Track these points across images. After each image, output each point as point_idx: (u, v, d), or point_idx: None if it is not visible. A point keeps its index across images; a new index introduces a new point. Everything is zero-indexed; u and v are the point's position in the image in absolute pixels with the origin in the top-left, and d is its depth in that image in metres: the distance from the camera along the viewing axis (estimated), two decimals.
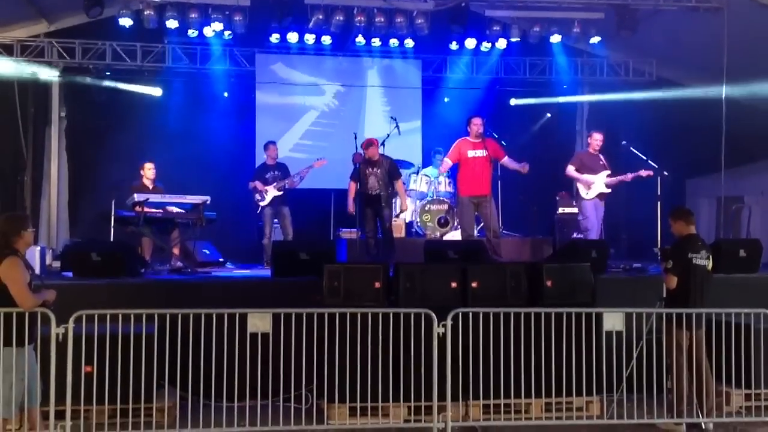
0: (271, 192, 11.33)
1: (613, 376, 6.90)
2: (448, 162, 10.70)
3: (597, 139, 10.87)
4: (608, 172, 10.67)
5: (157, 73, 13.34)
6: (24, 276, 5.76)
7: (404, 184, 12.40)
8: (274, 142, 11.98)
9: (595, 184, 10.67)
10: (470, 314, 6.70)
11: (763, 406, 7.26)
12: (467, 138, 10.44)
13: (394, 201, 11.00)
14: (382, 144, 12.08)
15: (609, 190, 10.69)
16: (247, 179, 11.69)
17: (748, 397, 7.32)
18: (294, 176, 11.52)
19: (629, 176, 10.61)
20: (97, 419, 6.25)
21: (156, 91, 13.32)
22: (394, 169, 10.67)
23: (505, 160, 10.61)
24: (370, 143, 10.54)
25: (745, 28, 10.91)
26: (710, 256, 7.13)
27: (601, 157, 10.82)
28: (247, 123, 13.78)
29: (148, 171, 10.86)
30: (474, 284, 7.48)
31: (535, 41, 13.12)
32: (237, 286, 8.84)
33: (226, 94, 13.79)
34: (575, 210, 11.86)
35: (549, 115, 14.70)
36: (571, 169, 10.87)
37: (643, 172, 10.50)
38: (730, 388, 7.28)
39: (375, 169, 10.44)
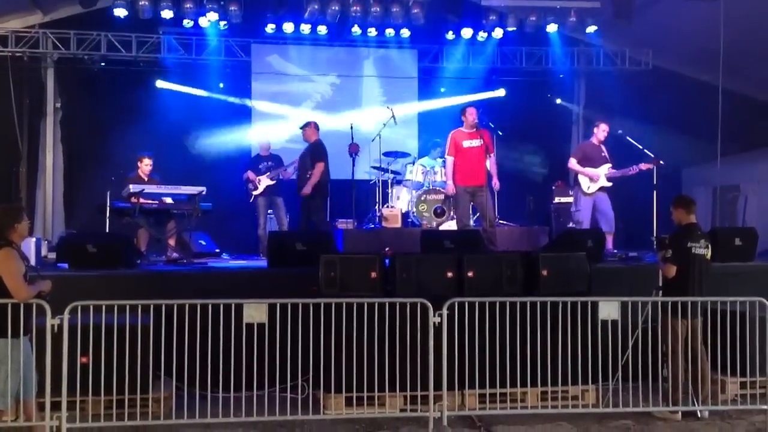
0: (264, 181, 11.33)
1: (609, 364, 6.92)
2: (450, 159, 10.37)
3: (604, 129, 10.72)
4: (609, 165, 10.61)
5: (152, 64, 13.28)
6: (19, 267, 5.75)
7: (399, 173, 12.44)
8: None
9: (599, 178, 10.60)
10: (466, 304, 6.69)
11: (758, 393, 7.27)
12: (461, 129, 10.36)
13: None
14: (378, 134, 12.11)
15: (610, 184, 10.64)
16: (242, 170, 11.69)
17: (743, 385, 7.33)
18: (287, 166, 11.50)
19: (630, 171, 10.51)
20: (93, 410, 6.25)
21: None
22: (315, 151, 10.81)
23: (491, 160, 10.36)
24: (305, 125, 10.95)
25: (741, 17, 10.89)
26: (709, 246, 7.15)
27: (603, 148, 10.76)
28: (243, 114, 13.75)
29: (146, 167, 10.83)
30: (470, 274, 7.48)
31: (531, 31, 13.12)
32: (233, 277, 8.84)
33: (221, 85, 13.74)
34: (571, 200, 11.85)
35: (550, 95, 14.64)
36: (573, 162, 10.80)
37: (644, 166, 10.42)
38: (725, 376, 7.30)
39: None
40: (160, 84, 13.17)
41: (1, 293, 5.68)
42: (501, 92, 14.14)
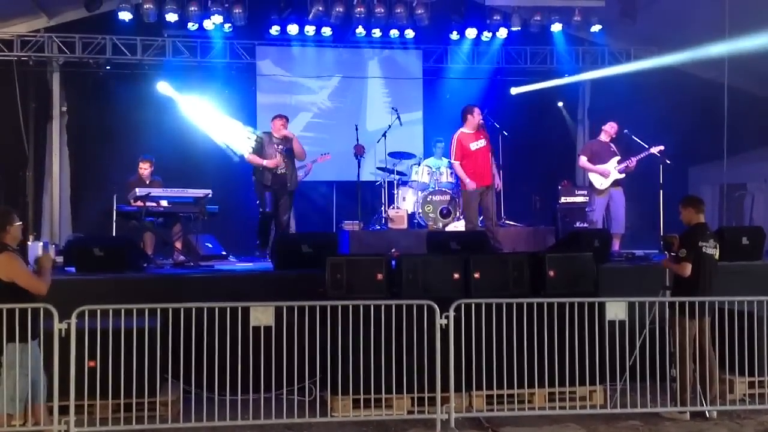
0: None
1: (617, 365, 6.91)
2: (457, 164, 10.17)
3: (613, 127, 10.71)
4: (618, 157, 10.58)
5: (157, 67, 13.31)
6: (25, 266, 5.76)
7: (404, 174, 12.45)
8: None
9: (610, 173, 10.59)
10: (473, 305, 6.69)
11: (766, 393, 7.25)
12: (465, 130, 10.24)
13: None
14: (384, 135, 12.10)
15: (623, 176, 10.60)
16: (249, 173, 11.65)
17: (751, 384, 7.33)
18: (297, 171, 11.44)
19: (640, 155, 10.44)
20: (101, 414, 6.27)
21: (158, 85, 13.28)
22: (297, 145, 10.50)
23: (492, 160, 10.28)
24: (282, 116, 10.44)
25: (747, 15, 10.85)
26: (717, 245, 7.14)
27: (612, 144, 10.76)
28: (248, 115, 13.75)
29: (145, 170, 10.83)
30: (476, 275, 7.49)
31: (536, 30, 13.12)
32: (239, 280, 8.83)
33: (226, 91, 13.74)
34: (578, 199, 11.82)
35: (561, 104, 14.62)
36: (583, 160, 10.77)
37: (654, 149, 10.38)
38: (733, 376, 7.29)
39: (281, 147, 10.22)
40: (162, 87, 13.13)
41: (7, 298, 5.70)
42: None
